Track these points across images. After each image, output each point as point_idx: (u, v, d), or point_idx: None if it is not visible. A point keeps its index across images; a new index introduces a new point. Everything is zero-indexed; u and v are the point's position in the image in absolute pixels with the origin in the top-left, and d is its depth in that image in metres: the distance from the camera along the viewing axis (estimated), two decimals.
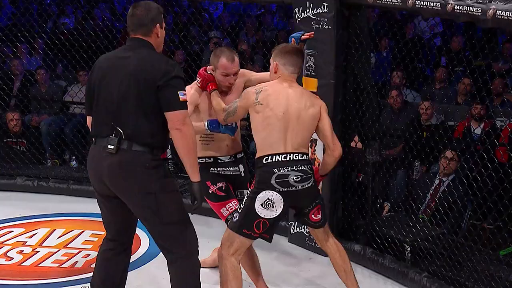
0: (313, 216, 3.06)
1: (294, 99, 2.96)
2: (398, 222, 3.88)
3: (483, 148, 3.67)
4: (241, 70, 3.26)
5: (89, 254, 3.92)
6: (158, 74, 2.63)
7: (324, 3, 3.66)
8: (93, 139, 2.76)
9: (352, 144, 3.94)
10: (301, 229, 3.97)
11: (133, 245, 3.94)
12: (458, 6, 3.05)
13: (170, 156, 5.20)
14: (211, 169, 3.24)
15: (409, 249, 3.69)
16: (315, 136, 3.78)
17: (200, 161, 3.23)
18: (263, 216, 2.91)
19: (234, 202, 3.20)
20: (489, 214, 3.70)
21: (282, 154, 2.92)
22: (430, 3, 3.19)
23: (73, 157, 5.60)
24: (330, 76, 3.73)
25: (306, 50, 3.80)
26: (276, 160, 2.91)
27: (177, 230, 2.73)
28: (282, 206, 2.90)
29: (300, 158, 2.94)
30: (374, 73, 5.69)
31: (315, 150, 3.84)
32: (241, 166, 3.33)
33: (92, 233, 4.18)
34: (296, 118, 2.95)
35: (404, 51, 4.13)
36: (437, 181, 4.34)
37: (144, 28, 2.74)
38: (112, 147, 2.64)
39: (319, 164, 3.82)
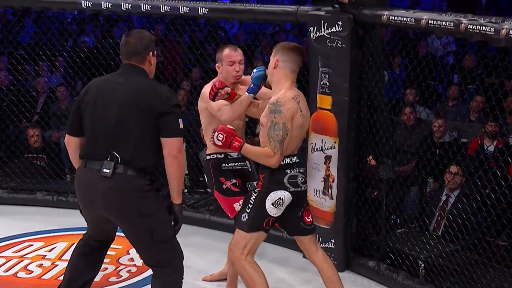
0: (306, 218, 3.15)
1: (308, 110, 3.10)
2: (412, 238, 3.90)
3: (497, 166, 3.69)
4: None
5: (107, 268, 3.97)
6: (161, 100, 2.71)
7: (338, 22, 3.73)
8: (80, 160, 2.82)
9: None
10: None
11: None
12: (471, 26, 3.09)
13: (186, 172, 5.29)
14: (222, 165, 3.36)
15: (423, 265, 3.70)
16: (329, 152, 3.86)
17: (211, 157, 3.40)
18: (272, 215, 3.02)
19: None
20: (503, 231, 3.71)
21: (290, 156, 3.04)
22: (444, 22, 3.23)
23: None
24: (344, 94, 3.78)
25: (320, 68, 3.86)
26: (287, 162, 3.03)
27: (167, 248, 2.83)
28: (286, 205, 3.03)
29: (298, 161, 3.08)
30: (387, 90, 5.74)
31: (329, 167, 3.89)
32: (247, 161, 3.47)
33: (110, 247, 4.23)
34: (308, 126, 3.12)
35: (417, 69, 4.17)
36: (444, 197, 4.37)
37: (138, 56, 2.81)
38: (108, 171, 2.70)
39: (333, 180, 3.88)
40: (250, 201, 3.05)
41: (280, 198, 3.01)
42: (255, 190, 3.06)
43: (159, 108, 2.70)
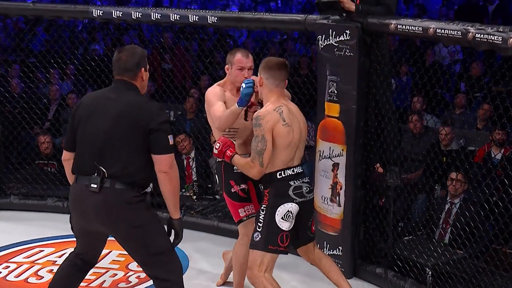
0: (312, 227, 3.24)
1: (300, 116, 3.18)
2: (419, 246, 3.91)
3: (504, 174, 3.71)
4: None
5: (116, 274, 4.01)
6: (149, 117, 2.74)
7: (346, 31, 3.76)
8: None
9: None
10: (323, 251, 4.02)
11: None
12: (479, 35, 3.11)
13: (195, 178, 5.33)
14: (234, 168, 3.37)
15: (430, 272, 3.71)
16: (337, 159, 3.89)
17: None
18: (284, 229, 3.06)
19: (251, 206, 3.39)
20: (510, 239, 3.71)
21: (291, 168, 3.11)
22: (451, 31, 3.26)
23: None
24: (352, 102, 3.81)
25: (328, 76, 3.90)
26: (289, 174, 3.10)
27: (164, 260, 2.85)
28: (296, 216, 3.09)
29: (302, 171, 3.14)
30: (395, 98, 5.77)
31: (337, 174, 3.91)
32: None
33: (119, 253, 4.26)
34: (304, 137, 3.19)
35: (425, 78, 4.20)
36: (448, 205, 4.38)
37: (130, 72, 2.83)
38: (95, 186, 2.74)
39: (341, 187, 3.91)
40: (260, 219, 3.10)
41: (288, 210, 3.06)
42: (262, 207, 3.11)
43: (148, 125, 2.74)
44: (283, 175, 3.09)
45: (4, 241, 4.51)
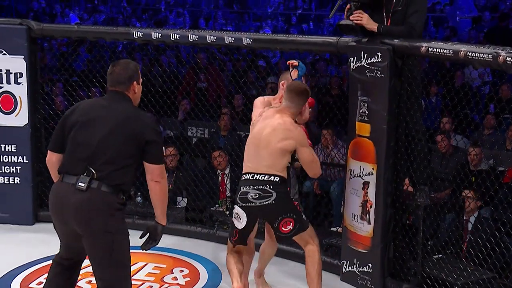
0: (283, 228, 3.45)
1: (269, 129, 3.44)
2: (448, 265, 3.94)
3: None
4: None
5: (152, 286, 4.09)
6: (146, 129, 2.88)
7: (378, 53, 3.84)
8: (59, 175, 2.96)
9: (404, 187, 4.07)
10: (353, 268, 4.09)
11: (192, 279, 4.21)
12: (510, 58, 3.15)
13: (229, 194, 5.44)
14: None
15: None
16: (367, 178, 3.97)
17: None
18: (235, 227, 3.46)
19: None
20: None
21: (252, 173, 3.40)
22: (482, 54, 3.30)
23: (139, 193, 5.88)
24: (382, 122, 3.88)
25: (360, 97, 3.99)
26: (246, 178, 3.42)
27: (122, 273, 2.94)
28: (246, 219, 3.39)
29: (265, 179, 3.37)
30: (425, 119, 5.82)
31: (367, 192, 3.98)
32: None
33: (155, 266, 4.37)
34: (266, 145, 3.41)
35: (455, 99, 4.26)
36: (464, 222, 4.41)
37: (122, 85, 2.97)
38: (83, 185, 2.84)
39: (371, 205, 3.98)
40: None
41: (236, 212, 3.44)
42: None
43: (144, 136, 2.87)
44: (242, 178, 3.44)
45: (45, 252, 4.64)
